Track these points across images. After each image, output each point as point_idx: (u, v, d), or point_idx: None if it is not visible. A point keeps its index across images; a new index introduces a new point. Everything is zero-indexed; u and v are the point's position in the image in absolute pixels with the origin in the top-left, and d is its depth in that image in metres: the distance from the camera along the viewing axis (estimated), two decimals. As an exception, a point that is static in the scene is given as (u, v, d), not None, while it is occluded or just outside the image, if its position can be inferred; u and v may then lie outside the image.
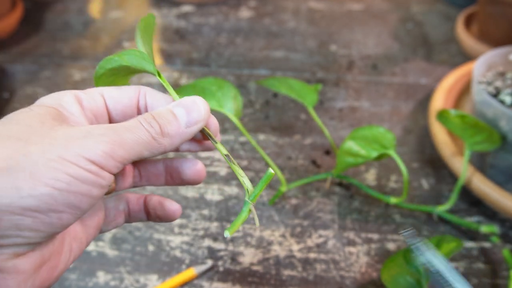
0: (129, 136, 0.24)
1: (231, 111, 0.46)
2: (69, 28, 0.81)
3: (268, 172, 0.27)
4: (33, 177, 0.20)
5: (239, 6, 0.88)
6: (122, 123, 0.24)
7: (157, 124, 0.25)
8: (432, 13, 0.86)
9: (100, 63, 0.29)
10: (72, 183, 0.21)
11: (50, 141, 0.22)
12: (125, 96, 0.28)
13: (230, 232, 0.26)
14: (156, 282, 0.43)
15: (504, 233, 0.47)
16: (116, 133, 0.23)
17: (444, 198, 0.51)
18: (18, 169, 0.20)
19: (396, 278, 0.39)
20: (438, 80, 0.66)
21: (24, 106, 0.25)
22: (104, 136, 0.23)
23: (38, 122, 0.23)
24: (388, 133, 0.46)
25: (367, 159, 0.45)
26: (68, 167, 0.21)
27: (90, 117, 0.27)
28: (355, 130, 0.47)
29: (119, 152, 0.23)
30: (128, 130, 0.24)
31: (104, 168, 0.23)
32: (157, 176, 0.31)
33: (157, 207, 0.30)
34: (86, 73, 0.70)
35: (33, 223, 0.21)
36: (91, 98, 0.27)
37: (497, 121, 0.46)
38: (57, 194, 0.21)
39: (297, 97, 0.51)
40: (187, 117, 0.26)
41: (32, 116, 0.23)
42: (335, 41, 0.78)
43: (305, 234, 0.47)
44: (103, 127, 0.23)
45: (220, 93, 0.47)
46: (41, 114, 0.24)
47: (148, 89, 0.29)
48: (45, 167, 0.21)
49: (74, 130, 0.23)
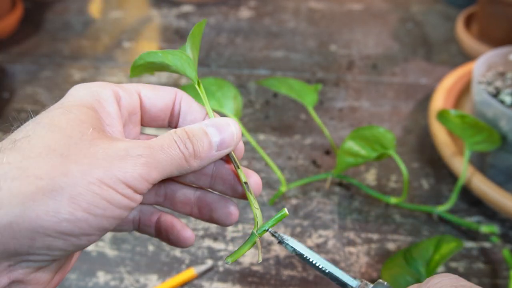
0: (163, 157, 0.23)
1: (231, 111, 0.46)
2: (69, 28, 0.81)
3: (282, 211, 0.27)
4: (72, 201, 0.21)
5: (239, 6, 0.88)
6: (157, 140, 0.24)
7: (191, 144, 0.25)
8: (432, 13, 0.86)
9: (142, 54, 0.29)
10: (108, 208, 0.22)
11: (90, 160, 0.22)
12: (162, 99, 0.28)
13: (231, 260, 0.26)
14: (156, 282, 0.43)
15: (504, 233, 0.47)
16: (152, 154, 0.23)
17: (444, 198, 0.51)
18: (58, 191, 0.20)
19: (396, 278, 0.39)
20: (438, 80, 0.66)
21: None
22: (141, 157, 0.23)
23: (78, 133, 0.22)
24: (388, 133, 0.46)
25: (367, 159, 0.45)
26: (106, 192, 0.21)
27: (125, 115, 0.26)
28: (355, 130, 0.47)
29: (153, 174, 0.23)
30: (163, 149, 0.24)
31: (137, 191, 0.23)
32: (184, 204, 0.30)
33: (169, 229, 0.29)
34: (86, 73, 0.70)
35: (64, 244, 0.21)
36: (128, 96, 0.27)
37: (497, 121, 0.46)
38: (92, 219, 0.21)
39: (297, 97, 0.51)
40: (219, 139, 0.26)
41: (72, 121, 0.23)
42: (335, 41, 0.78)
43: (305, 234, 0.47)
44: (141, 146, 0.23)
45: (220, 93, 0.47)
46: (81, 120, 0.23)
47: (184, 94, 0.28)
48: (85, 191, 0.21)
49: (113, 149, 0.22)
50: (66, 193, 0.21)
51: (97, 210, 0.21)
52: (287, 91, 0.52)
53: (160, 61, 0.28)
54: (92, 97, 0.25)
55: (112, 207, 0.22)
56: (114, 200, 0.22)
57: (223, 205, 0.29)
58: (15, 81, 0.68)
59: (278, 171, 0.47)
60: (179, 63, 0.28)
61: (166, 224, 0.30)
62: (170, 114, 0.28)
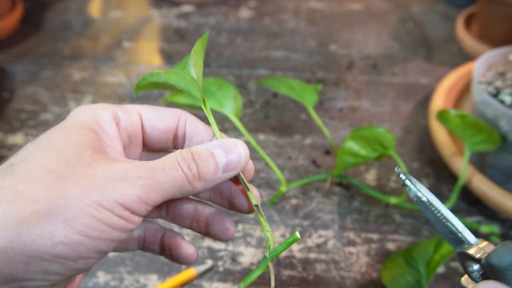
0: (165, 179, 0.23)
1: (231, 111, 0.46)
2: (69, 28, 0.81)
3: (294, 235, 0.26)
4: (67, 224, 0.20)
5: (239, 6, 0.88)
6: (160, 161, 0.23)
7: (195, 166, 0.24)
8: (432, 13, 0.86)
9: (145, 76, 0.28)
10: (105, 231, 0.21)
11: (88, 182, 0.21)
12: (164, 121, 0.27)
13: (244, 285, 0.26)
14: (156, 282, 0.43)
15: (504, 233, 0.47)
16: (153, 176, 0.23)
17: (444, 198, 0.51)
18: (54, 215, 0.20)
19: (396, 278, 0.39)
20: (438, 80, 0.66)
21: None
22: (140, 179, 0.22)
23: (76, 154, 0.22)
24: (388, 133, 0.46)
25: (367, 159, 0.45)
26: (103, 214, 0.21)
27: (124, 138, 0.26)
28: (355, 130, 0.47)
29: (153, 197, 0.23)
30: (164, 171, 0.23)
31: (135, 213, 0.22)
32: (183, 217, 0.29)
33: (173, 246, 0.29)
34: (86, 73, 0.70)
35: (61, 268, 0.21)
36: (128, 117, 0.26)
37: (497, 121, 0.46)
38: (89, 242, 0.21)
39: (297, 97, 0.51)
40: (226, 161, 0.25)
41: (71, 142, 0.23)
42: (335, 41, 0.78)
43: (305, 234, 0.47)
44: (141, 168, 0.23)
45: (220, 93, 0.47)
46: (81, 142, 0.23)
47: (188, 115, 0.28)
48: (81, 213, 0.21)
49: (112, 170, 0.22)
50: (61, 216, 0.20)
51: (93, 232, 0.21)
52: (287, 91, 0.52)
53: (163, 82, 0.28)
54: (91, 119, 0.25)
55: (109, 230, 0.22)
56: (111, 223, 0.21)
57: (219, 219, 0.29)
58: (15, 81, 0.68)
59: (278, 171, 0.47)
60: (182, 84, 0.27)
61: (170, 241, 0.29)
62: (174, 137, 0.28)
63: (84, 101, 0.64)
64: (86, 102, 0.64)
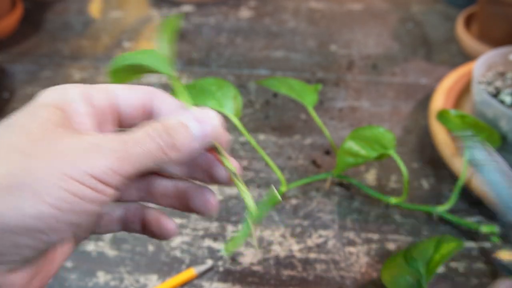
0: (137, 150, 0.23)
1: (231, 111, 0.46)
2: (69, 28, 0.81)
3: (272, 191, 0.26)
4: (36, 197, 0.20)
5: (239, 6, 0.88)
6: (131, 134, 0.23)
7: (168, 137, 0.24)
8: (432, 13, 0.86)
9: (116, 59, 0.28)
10: (76, 202, 0.21)
11: (55, 154, 0.21)
12: (135, 97, 0.27)
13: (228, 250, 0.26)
14: (156, 282, 0.43)
15: (504, 233, 0.47)
16: (125, 147, 0.22)
17: (444, 198, 0.51)
18: (21, 188, 0.20)
19: (396, 278, 0.39)
20: (438, 80, 0.66)
21: (24, 106, 0.25)
22: (111, 150, 0.22)
23: (43, 130, 0.22)
24: (388, 133, 0.46)
25: (367, 159, 0.45)
26: (72, 185, 0.21)
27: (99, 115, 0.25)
28: (355, 130, 0.47)
29: (126, 167, 0.22)
30: (137, 143, 0.23)
31: (109, 185, 0.22)
32: (164, 196, 0.29)
33: (153, 222, 0.28)
34: (86, 73, 0.70)
35: (33, 241, 0.21)
36: (101, 95, 0.26)
37: (497, 121, 0.46)
38: (60, 214, 0.21)
39: (297, 97, 0.51)
40: (199, 130, 0.25)
41: (37, 120, 0.22)
42: (335, 41, 0.78)
43: (305, 234, 0.47)
44: (110, 139, 0.22)
45: (220, 93, 0.47)
46: (47, 119, 0.23)
47: (158, 91, 0.27)
48: (49, 185, 0.20)
49: (80, 141, 0.22)
50: (29, 189, 0.20)
51: (64, 205, 0.21)
52: (287, 91, 0.52)
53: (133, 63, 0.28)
54: (59, 97, 0.25)
55: (81, 202, 0.21)
56: (82, 193, 0.21)
57: (200, 193, 0.28)
58: (15, 81, 0.68)
59: (278, 171, 0.47)
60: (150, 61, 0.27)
61: (151, 218, 0.29)
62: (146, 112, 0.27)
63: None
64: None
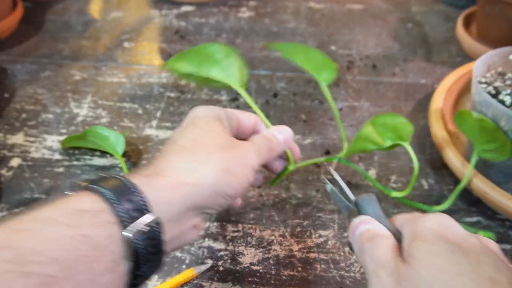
0: (262, 152, 0.37)
1: (236, 82, 0.43)
2: (69, 28, 0.81)
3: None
4: (235, 176, 0.33)
5: (239, 6, 0.88)
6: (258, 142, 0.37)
7: (271, 143, 0.39)
8: (432, 13, 0.86)
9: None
10: (246, 183, 0.34)
11: (237, 152, 0.34)
12: (249, 121, 0.40)
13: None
14: (156, 282, 0.43)
15: (504, 233, 0.47)
16: (259, 150, 0.36)
17: (444, 198, 0.51)
18: (229, 171, 0.33)
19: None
20: (438, 80, 0.66)
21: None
22: (255, 151, 0.36)
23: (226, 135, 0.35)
24: (408, 124, 0.46)
25: (381, 147, 0.45)
26: (248, 172, 0.34)
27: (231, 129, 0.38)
28: (378, 116, 0.47)
29: (260, 162, 0.36)
30: (261, 147, 0.37)
31: (255, 172, 0.36)
32: None
33: None
34: (86, 73, 0.70)
35: (225, 203, 0.34)
36: (232, 115, 0.38)
37: (497, 121, 0.46)
38: (240, 188, 0.34)
39: (311, 70, 0.47)
40: (282, 138, 0.40)
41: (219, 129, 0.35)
42: (335, 41, 0.78)
43: (305, 234, 0.47)
44: (252, 144, 0.36)
45: (226, 61, 0.43)
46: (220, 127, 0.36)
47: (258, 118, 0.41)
48: (239, 171, 0.34)
49: (244, 145, 0.36)
50: (231, 172, 0.33)
51: (243, 182, 0.34)
52: (301, 61, 0.47)
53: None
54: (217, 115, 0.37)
55: (247, 181, 0.34)
56: (249, 177, 0.35)
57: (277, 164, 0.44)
58: (15, 81, 0.68)
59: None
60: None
61: None
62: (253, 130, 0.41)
63: (84, 101, 0.64)
64: (86, 102, 0.64)
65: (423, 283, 0.24)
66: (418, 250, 0.26)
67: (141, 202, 0.28)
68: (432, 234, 0.26)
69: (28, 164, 0.55)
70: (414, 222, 0.28)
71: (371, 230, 0.30)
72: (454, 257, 0.25)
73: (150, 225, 0.28)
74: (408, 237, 0.27)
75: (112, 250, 0.27)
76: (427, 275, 0.24)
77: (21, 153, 0.56)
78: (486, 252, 0.25)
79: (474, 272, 0.24)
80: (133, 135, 0.59)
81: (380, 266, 0.27)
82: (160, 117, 0.62)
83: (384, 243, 0.28)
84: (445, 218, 0.28)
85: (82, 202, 0.28)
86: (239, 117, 0.39)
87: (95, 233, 0.26)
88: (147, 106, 0.64)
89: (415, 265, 0.25)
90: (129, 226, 0.27)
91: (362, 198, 0.34)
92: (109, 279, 0.27)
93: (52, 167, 0.54)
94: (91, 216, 0.27)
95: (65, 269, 0.24)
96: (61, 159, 0.56)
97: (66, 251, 0.25)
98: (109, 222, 0.27)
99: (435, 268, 0.24)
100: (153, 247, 0.29)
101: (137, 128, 0.60)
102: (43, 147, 0.57)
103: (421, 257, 0.25)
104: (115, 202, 0.28)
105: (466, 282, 0.23)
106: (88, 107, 0.63)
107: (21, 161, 0.55)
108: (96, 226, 0.26)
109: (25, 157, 0.56)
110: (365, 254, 0.28)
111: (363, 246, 0.29)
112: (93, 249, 0.26)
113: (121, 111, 0.63)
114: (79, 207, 0.27)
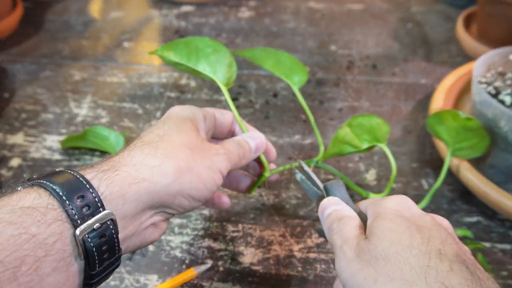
0: (232, 158, 0.36)
1: (223, 79, 0.42)
2: (69, 28, 0.81)
3: None
4: (198, 178, 0.32)
5: (239, 6, 0.88)
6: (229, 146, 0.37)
7: (242, 150, 0.38)
8: (432, 13, 0.86)
9: None
10: (213, 184, 0.34)
11: (204, 153, 0.34)
12: (225, 120, 0.40)
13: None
14: (156, 282, 0.43)
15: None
16: (229, 155, 0.36)
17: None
18: (192, 170, 0.32)
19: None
20: (438, 80, 0.66)
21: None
22: (225, 155, 0.35)
23: (194, 135, 0.34)
24: (385, 125, 0.46)
25: (358, 150, 0.44)
26: (214, 174, 0.34)
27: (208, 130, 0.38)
28: (354, 117, 0.46)
29: (228, 167, 0.35)
30: (231, 153, 0.36)
31: (223, 176, 0.35)
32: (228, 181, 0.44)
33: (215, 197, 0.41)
34: (86, 73, 0.70)
35: (187, 204, 0.33)
36: (209, 117, 0.38)
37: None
38: (205, 190, 0.33)
39: (281, 74, 0.47)
40: (254, 146, 0.39)
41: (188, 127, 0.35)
42: (335, 41, 0.78)
43: (305, 234, 0.47)
44: (223, 148, 0.36)
45: (215, 57, 0.42)
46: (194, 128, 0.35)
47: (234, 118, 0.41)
48: (204, 172, 0.33)
49: (213, 148, 0.35)
50: (195, 172, 0.32)
51: (208, 185, 0.33)
52: (271, 66, 0.47)
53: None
54: (192, 115, 0.36)
55: (214, 185, 0.34)
56: (216, 181, 0.34)
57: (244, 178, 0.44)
58: (15, 81, 0.68)
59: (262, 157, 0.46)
60: None
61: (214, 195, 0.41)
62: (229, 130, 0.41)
63: (84, 101, 0.64)
64: (86, 102, 0.64)
65: (379, 254, 0.26)
66: (378, 226, 0.28)
67: (94, 198, 0.27)
68: (391, 213, 0.29)
69: (28, 164, 0.55)
70: (377, 204, 0.31)
71: (339, 211, 0.32)
72: (408, 232, 0.27)
73: (103, 222, 0.27)
74: (371, 217, 0.30)
75: (61, 249, 0.25)
76: (383, 248, 0.27)
77: (21, 153, 0.56)
78: (438, 228, 0.28)
79: (424, 245, 0.26)
80: (133, 135, 0.59)
81: (345, 242, 0.29)
82: (160, 117, 0.62)
83: (350, 223, 0.31)
84: (404, 199, 0.31)
85: (28, 198, 0.26)
86: (216, 116, 0.39)
87: (40, 231, 0.25)
88: (147, 106, 0.64)
89: (374, 239, 0.28)
90: (79, 224, 0.26)
91: (330, 183, 0.36)
92: (60, 279, 0.26)
93: (52, 167, 0.54)
94: (37, 214, 0.25)
95: (7, 270, 0.23)
96: (61, 159, 0.55)
97: (7, 251, 0.23)
98: (57, 220, 0.26)
99: (390, 242, 0.27)
100: (107, 245, 0.28)
101: (137, 128, 0.60)
102: (43, 147, 0.57)
103: (379, 233, 0.28)
104: (65, 198, 0.26)
105: (417, 253, 0.26)
106: (88, 107, 0.63)
107: (21, 161, 0.55)
108: (42, 224, 0.25)
109: (25, 157, 0.56)
110: (333, 232, 0.31)
111: (332, 226, 0.31)
112: (39, 248, 0.24)
113: (121, 111, 0.63)
114: (24, 204, 0.25)
